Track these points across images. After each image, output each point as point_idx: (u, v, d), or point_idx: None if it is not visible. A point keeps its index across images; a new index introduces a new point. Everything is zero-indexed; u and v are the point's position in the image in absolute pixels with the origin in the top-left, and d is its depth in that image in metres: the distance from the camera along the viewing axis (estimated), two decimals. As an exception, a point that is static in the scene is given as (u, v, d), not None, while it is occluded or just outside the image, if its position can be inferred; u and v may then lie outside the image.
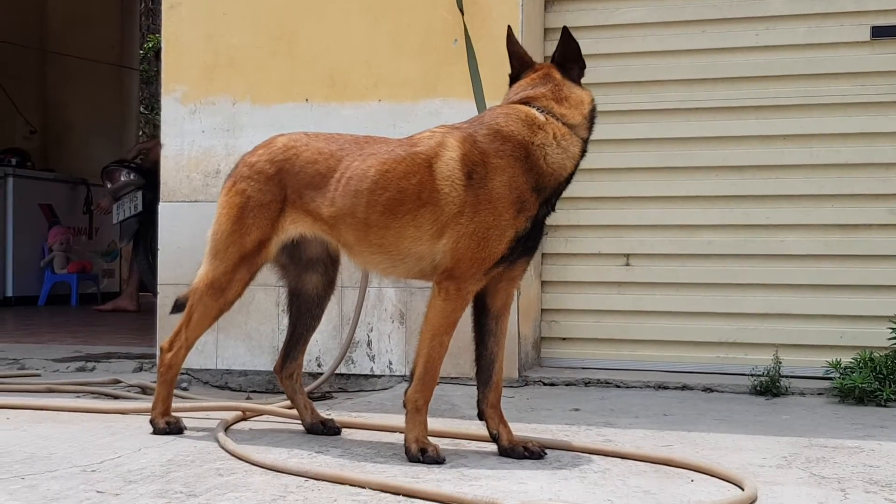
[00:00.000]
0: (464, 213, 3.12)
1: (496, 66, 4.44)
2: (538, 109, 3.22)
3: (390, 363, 4.85)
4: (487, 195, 3.12)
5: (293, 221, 3.40)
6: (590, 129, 3.29)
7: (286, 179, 3.40)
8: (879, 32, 4.75)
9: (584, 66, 3.33)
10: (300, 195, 3.37)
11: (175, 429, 3.53)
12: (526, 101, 3.27)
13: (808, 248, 4.83)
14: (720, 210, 4.93)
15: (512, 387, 4.63)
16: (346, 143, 3.43)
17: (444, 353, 3.21)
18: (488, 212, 3.11)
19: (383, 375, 4.87)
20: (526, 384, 4.76)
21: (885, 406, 4.22)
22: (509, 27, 3.48)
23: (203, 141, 5.11)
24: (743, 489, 2.78)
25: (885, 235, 4.75)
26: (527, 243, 3.20)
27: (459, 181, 3.14)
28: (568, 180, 3.25)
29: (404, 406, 3.19)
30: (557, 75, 3.30)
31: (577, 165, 3.25)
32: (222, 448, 3.26)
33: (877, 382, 4.27)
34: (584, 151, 3.27)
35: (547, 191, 3.18)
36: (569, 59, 3.31)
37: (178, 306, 3.71)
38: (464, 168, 3.15)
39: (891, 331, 4.37)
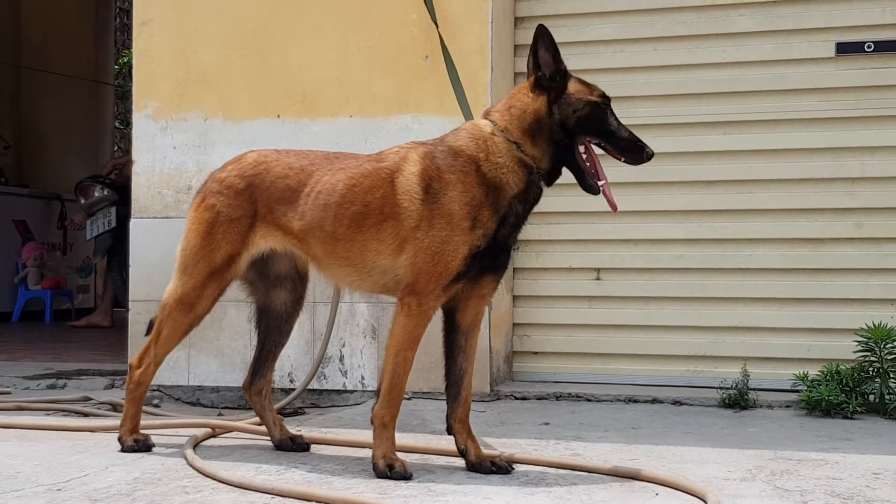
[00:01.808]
0: (420, 227, 3.15)
1: (467, 83, 4.50)
2: (492, 123, 3.23)
3: (363, 378, 4.86)
4: (441, 210, 3.14)
5: (263, 236, 3.42)
6: (538, 141, 3.15)
7: (256, 194, 3.42)
8: (844, 49, 4.81)
9: (539, 70, 3.17)
10: (271, 210, 3.40)
11: (143, 446, 3.52)
12: (487, 114, 3.30)
13: (776, 261, 4.88)
14: (690, 224, 4.97)
15: (483, 401, 4.65)
16: (317, 158, 3.46)
17: (409, 369, 3.22)
18: (441, 226, 3.13)
19: (356, 391, 4.87)
20: (497, 398, 4.77)
21: (851, 418, 4.26)
22: (541, 26, 3.24)
23: (174, 157, 5.11)
24: (706, 502, 2.81)
25: (852, 249, 4.80)
26: (493, 261, 3.21)
27: (417, 195, 3.17)
28: (524, 198, 3.18)
29: (371, 422, 3.20)
30: (524, 83, 3.25)
31: (523, 182, 3.15)
32: (190, 465, 3.26)
33: (843, 395, 4.32)
34: (530, 167, 3.15)
35: (501, 207, 3.15)
36: (536, 66, 3.20)
37: (153, 327, 3.71)
38: (422, 183, 3.17)
39: (857, 343, 4.41)
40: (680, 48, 5.00)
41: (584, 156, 3.17)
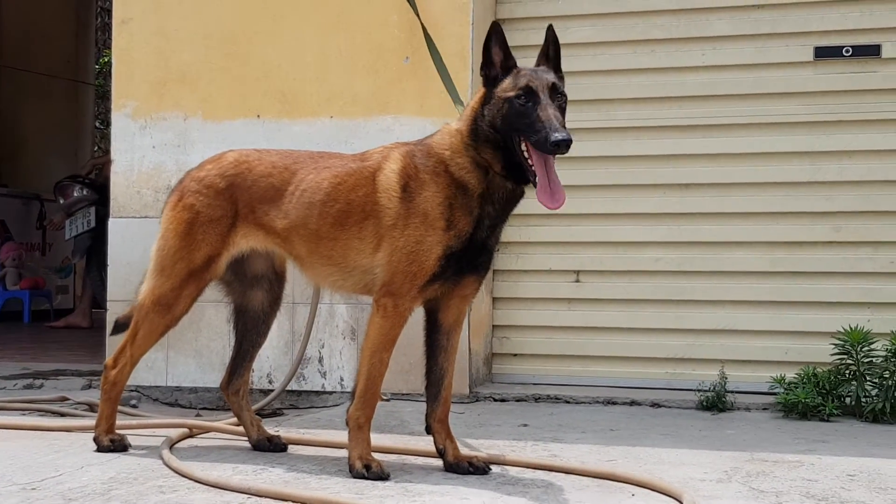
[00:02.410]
0: (396, 225, 3.15)
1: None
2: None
3: (342, 379, 4.85)
4: (416, 209, 3.14)
5: (244, 236, 3.41)
6: (477, 142, 3.08)
7: (237, 194, 3.41)
8: (822, 53, 4.84)
9: (483, 71, 3.12)
10: (252, 209, 3.39)
11: (119, 446, 3.50)
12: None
13: (754, 265, 4.90)
14: (668, 227, 4.99)
15: (463, 402, 4.65)
16: (300, 157, 3.45)
17: (385, 370, 3.21)
18: (416, 226, 3.13)
19: (335, 392, 4.87)
20: (477, 400, 4.78)
21: (827, 421, 4.28)
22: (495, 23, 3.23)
23: (154, 156, 5.09)
24: (682, 503, 2.82)
25: (830, 253, 4.83)
26: (473, 261, 3.19)
27: (395, 193, 3.17)
28: (491, 199, 3.12)
29: (347, 424, 3.20)
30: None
31: (483, 182, 3.09)
32: (166, 465, 3.25)
33: (820, 398, 4.34)
34: (485, 167, 3.09)
35: (473, 208, 3.12)
36: (483, 64, 3.12)
37: (118, 327, 3.70)
38: (400, 181, 3.17)
39: (834, 347, 4.43)
40: (659, 51, 5.02)
41: (526, 152, 3.01)
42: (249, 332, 3.65)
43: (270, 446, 3.58)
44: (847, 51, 4.82)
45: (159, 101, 5.10)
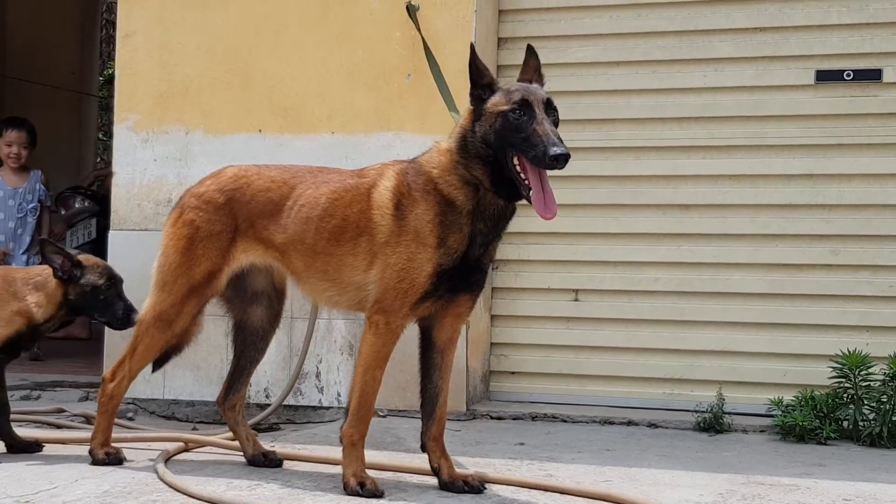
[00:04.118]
0: (389, 242, 3.16)
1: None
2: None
3: (339, 395, 4.85)
4: (407, 227, 3.15)
5: (244, 251, 3.42)
6: (467, 161, 3.08)
7: (237, 209, 3.42)
8: (824, 76, 4.85)
9: (472, 92, 3.13)
10: (252, 224, 3.40)
11: (114, 460, 3.50)
12: None
13: (752, 286, 4.90)
14: (667, 248, 4.99)
15: (459, 420, 4.64)
16: (299, 171, 3.47)
17: (378, 388, 3.22)
18: (408, 243, 3.14)
19: (332, 407, 4.86)
20: (474, 417, 4.77)
21: (824, 444, 4.27)
22: (472, 45, 3.27)
23: (155, 170, 5.10)
24: (676, 525, 2.82)
25: (828, 276, 4.83)
26: (466, 279, 3.19)
27: (388, 211, 3.18)
28: (482, 216, 3.12)
29: (340, 441, 3.19)
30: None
31: (473, 199, 3.10)
32: (161, 479, 3.25)
33: (817, 420, 4.34)
34: (475, 184, 3.09)
35: (464, 226, 3.12)
36: (472, 81, 3.13)
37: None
38: (394, 199, 3.19)
39: (832, 370, 4.43)
40: (661, 72, 5.03)
41: (518, 167, 3.01)
42: (248, 348, 3.65)
43: (266, 462, 3.58)
44: (848, 74, 4.83)
45: (162, 114, 5.11)
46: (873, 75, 4.82)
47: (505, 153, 3.02)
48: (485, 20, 4.96)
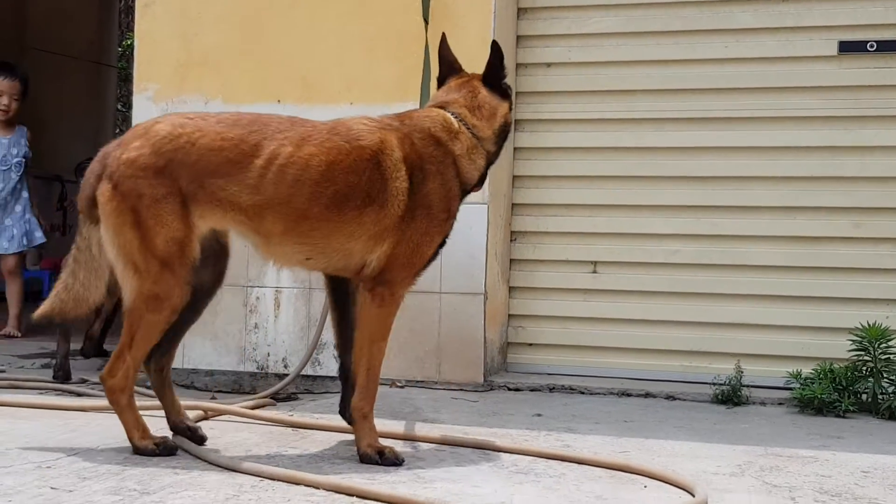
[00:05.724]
0: (404, 217, 3.14)
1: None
2: (453, 115, 3.28)
3: (356, 365, 4.85)
4: (423, 200, 3.16)
5: (201, 216, 3.12)
6: (498, 143, 3.40)
7: (180, 171, 3.09)
8: (847, 48, 4.80)
9: (503, 78, 3.39)
10: (201, 185, 3.09)
11: (164, 449, 3.18)
12: (442, 106, 3.32)
13: (772, 259, 4.87)
14: (687, 220, 4.97)
15: (477, 391, 4.65)
16: (254, 125, 3.15)
17: (383, 358, 3.22)
18: (422, 217, 3.15)
19: (349, 377, 4.87)
20: (491, 389, 4.77)
21: (843, 417, 4.26)
22: (443, 34, 3.54)
23: (174, 140, 5.09)
24: (694, 496, 2.82)
25: (848, 248, 4.80)
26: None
27: (404, 183, 3.15)
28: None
29: (352, 416, 3.20)
30: (476, 83, 3.36)
31: (481, 177, 3.39)
32: (180, 447, 3.26)
33: (836, 393, 4.32)
34: (490, 164, 3.40)
35: (461, 196, 3.32)
36: (490, 71, 3.37)
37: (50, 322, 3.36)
38: (407, 170, 3.16)
39: (851, 343, 4.41)
40: (681, 43, 4.99)
41: None
42: (186, 309, 3.25)
43: (190, 435, 3.31)
44: (871, 45, 4.77)
45: (181, 84, 5.11)
46: (897, 46, 4.77)
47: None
48: (505, -10, 4.93)
